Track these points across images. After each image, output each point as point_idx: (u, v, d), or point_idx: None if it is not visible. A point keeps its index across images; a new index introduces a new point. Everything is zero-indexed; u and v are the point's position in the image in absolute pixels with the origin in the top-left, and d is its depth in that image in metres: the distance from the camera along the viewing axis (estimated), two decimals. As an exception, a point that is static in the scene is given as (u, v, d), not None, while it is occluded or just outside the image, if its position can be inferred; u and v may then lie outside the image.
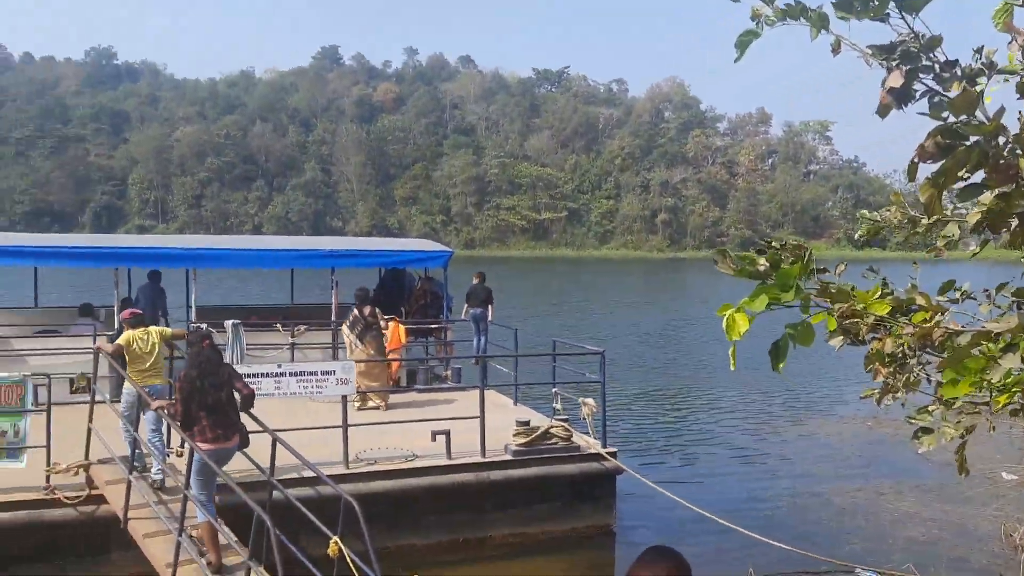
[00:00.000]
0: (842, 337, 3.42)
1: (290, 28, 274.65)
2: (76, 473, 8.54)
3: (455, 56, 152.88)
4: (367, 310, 12.13)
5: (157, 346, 8.62)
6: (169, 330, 9.18)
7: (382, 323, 12.35)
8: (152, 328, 8.86)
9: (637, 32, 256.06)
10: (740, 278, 2.77)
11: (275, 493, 7.65)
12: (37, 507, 8.28)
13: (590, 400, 10.57)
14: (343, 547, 6.39)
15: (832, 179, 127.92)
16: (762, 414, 17.78)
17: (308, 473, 7.67)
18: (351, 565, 6.25)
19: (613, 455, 10.22)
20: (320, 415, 10.19)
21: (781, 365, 2.81)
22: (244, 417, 7.55)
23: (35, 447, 8.37)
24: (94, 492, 8.41)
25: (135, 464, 8.37)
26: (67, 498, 8.31)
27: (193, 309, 13.33)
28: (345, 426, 9.31)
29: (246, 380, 8.65)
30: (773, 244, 2.96)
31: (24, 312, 15.35)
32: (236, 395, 7.42)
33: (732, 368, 2.84)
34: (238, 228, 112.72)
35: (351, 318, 12.17)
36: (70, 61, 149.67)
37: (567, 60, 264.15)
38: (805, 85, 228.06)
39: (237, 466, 8.00)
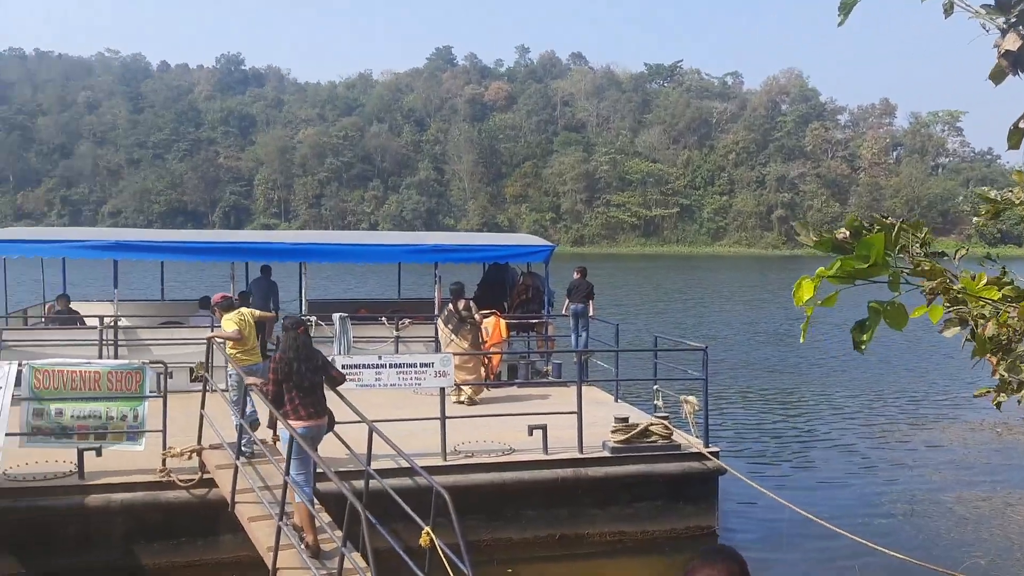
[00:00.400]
0: (958, 328, 3.17)
1: (406, 30, 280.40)
2: (189, 457, 8.91)
3: (566, 53, 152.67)
4: (461, 304, 12.22)
5: (252, 326, 8.99)
6: (257, 312, 9.52)
7: (478, 317, 12.40)
8: (243, 309, 9.21)
9: (753, 24, 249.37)
10: (821, 250, 2.62)
11: (372, 482, 7.78)
12: (154, 488, 8.68)
13: (692, 398, 10.32)
14: (434, 538, 6.42)
15: (962, 172, 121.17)
16: (879, 417, 16.98)
17: (405, 463, 7.77)
18: (442, 556, 6.27)
19: (715, 455, 9.95)
20: (422, 407, 10.33)
21: (864, 344, 2.62)
22: (340, 405, 7.74)
23: (153, 431, 8.80)
24: (206, 476, 8.76)
25: (243, 449, 8.69)
26: (181, 481, 8.68)
27: (304, 302, 13.75)
28: (443, 418, 9.38)
29: (347, 371, 8.95)
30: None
31: (151, 304, 16.21)
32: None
33: (802, 340, 2.73)
34: (355, 226, 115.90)
35: (446, 312, 12.30)
36: (202, 68, 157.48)
37: (680, 55, 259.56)
38: (933, 75, 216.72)
39: (336, 452, 8.20)
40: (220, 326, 12.16)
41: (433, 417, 9.44)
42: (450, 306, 12.33)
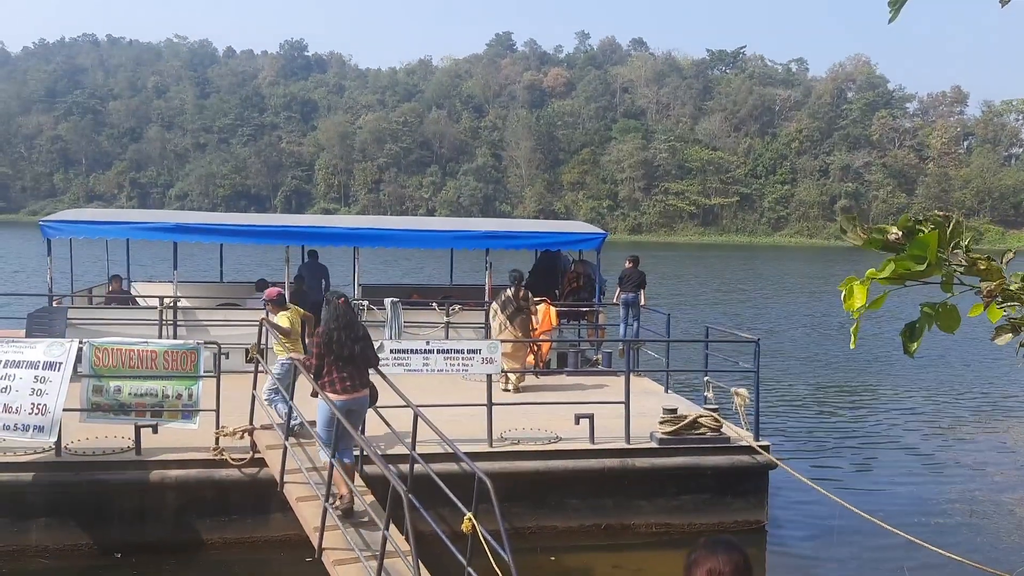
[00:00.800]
0: (1010, 335, 3.01)
1: (467, 16, 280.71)
2: (241, 437, 9.08)
3: (627, 39, 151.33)
4: (521, 293, 12.17)
5: (299, 324, 9.30)
6: (302, 311, 9.68)
7: (531, 306, 12.37)
8: (291, 307, 9.47)
9: (820, 9, 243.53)
10: (870, 249, 2.50)
11: (417, 466, 7.83)
12: (207, 466, 8.87)
13: (743, 390, 10.16)
14: (476, 524, 6.44)
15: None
16: (939, 414, 16.51)
17: (451, 448, 7.80)
18: (484, 542, 6.29)
19: (766, 449, 9.79)
20: (469, 393, 10.37)
21: (914, 348, 2.54)
22: (388, 389, 7.81)
23: (207, 410, 8.99)
24: (257, 456, 8.92)
25: (293, 427, 8.85)
26: (233, 459, 8.86)
27: (357, 286, 13.89)
28: (489, 405, 9.40)
29: (395, 356, 9.04)
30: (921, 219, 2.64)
31: (210, 286, 16.56)
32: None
33: (852, 346, 2.61)
34: (413, 212, 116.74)
35: (503, 298, 12.18)
36: (267, 54, 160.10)
37: (743, 40, 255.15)
38: (1007, 63, 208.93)
39: (382, 436, 8.29)
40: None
41: (480, 404, 9.46)
42: (508, 292, 12.21)
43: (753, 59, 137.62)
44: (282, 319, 9.33)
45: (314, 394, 8.08)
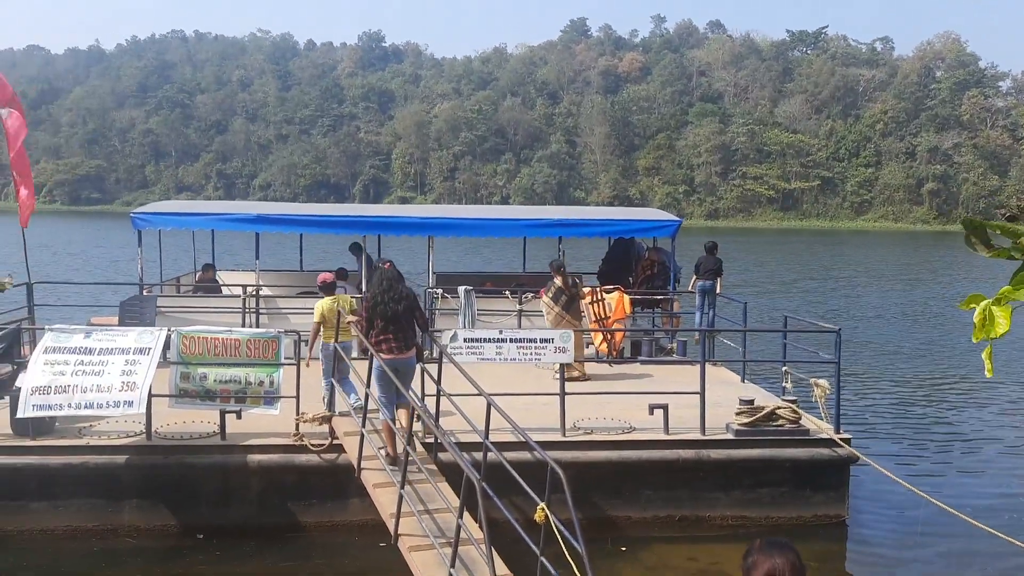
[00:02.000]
0: None
1: (542, 3, 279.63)
2: (320, 423, 9.31)
3: (704, 22, 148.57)
4: (570, 280, 12.03)
5: (334, 313, 9.55)
6: (349, 299, 9.93)
7: (587, 291, 12.31)
8: (338, 295, 9.78)
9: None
10: (1002, 258, 2.24)
11: (490, 454, 7.89)
12: (288, 451, 9.12)
13: (823, 381, 9.91)
14: (549, 514, 6.46)
15: None
16: (1034, 408, 15.82)
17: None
18: (556, 532, 6.30)
19: (847, 441, 9.55)
20: (539, 381, 10.39)
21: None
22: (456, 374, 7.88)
23: (287, 397, 9.24)
24: (335, 442, 9.12)
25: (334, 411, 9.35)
26: (313, 445, 9.08)
27: (431, 275, 14.05)
28: (562, 394, 9.40)
29: (469, 345, 9.14)
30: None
31: (290, 274, 16.96)
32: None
33: (988, 375, 2.34)
34: (487, 199, 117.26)
35: (553, 290, 11.96)
36: (346, 45, 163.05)
37: (825, 20, 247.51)
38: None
39: (456, 424, 8.37)
40: (353, 297, 12.66)
41: (553, 393, 9.48)
42: (557, 282, 11.96)
43: (835, 39, 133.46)
44: (318, 306, 9.66)
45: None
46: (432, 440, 8.71)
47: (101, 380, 8.71)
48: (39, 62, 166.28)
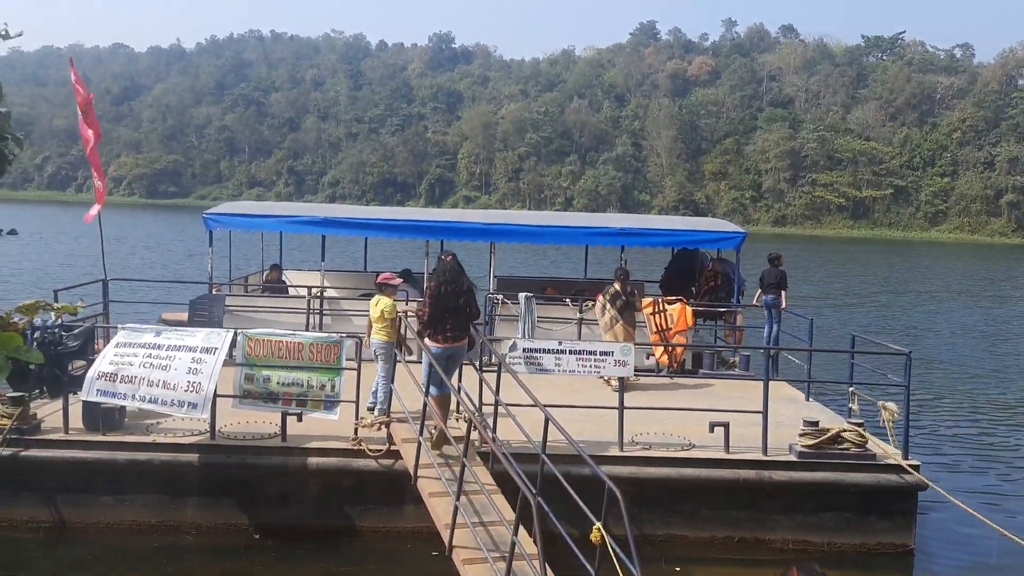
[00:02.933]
0: None
1: (611, 6, 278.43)
2: (379, 428, 9.37)
3: (776, 26, 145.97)
4: (630, 288, 12.11)
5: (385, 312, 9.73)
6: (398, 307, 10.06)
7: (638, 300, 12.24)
8: (379, 297, 9.83)
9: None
10: None
11: (546, 468, 7.84)
12: (346, 456, 9.18)
13: (891, 404, 9.62)
14: (605, 535, 6.38)
15: None
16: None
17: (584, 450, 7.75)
18: (612, 553, 6.23)
19: (916, 468, 9.24)
20: (593, 391, 10.27)
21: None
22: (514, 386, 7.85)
23: (347, 401, 9.33)
24: (393, 448, 9.16)
25: (381, 406, 9.59)
26: (370, 450, 9.13)
27: (492, 280, 14.06)
28: (621, 408, 9.30)
29: (528, 355, 9.13)
30: None
31: (355, 275, 17.16)
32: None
33: None
34: (551, 200, 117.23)
35: (611, 292, 12.07)
36: (416, 46, 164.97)
37: (902, 26, 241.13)
38: None
39: (512, 435, 8.34)
40: (415, 301, 12.75)
41: (611, 406, 9.38)
42: (616, 286, 12.14)
43: (912, 45, 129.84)
44: (375, 304, 9.78)
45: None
46: (487, 450, 8.69)
47: (167, 376, 8.91)
48: (123, 60, 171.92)
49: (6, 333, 2.34)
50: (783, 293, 14.49)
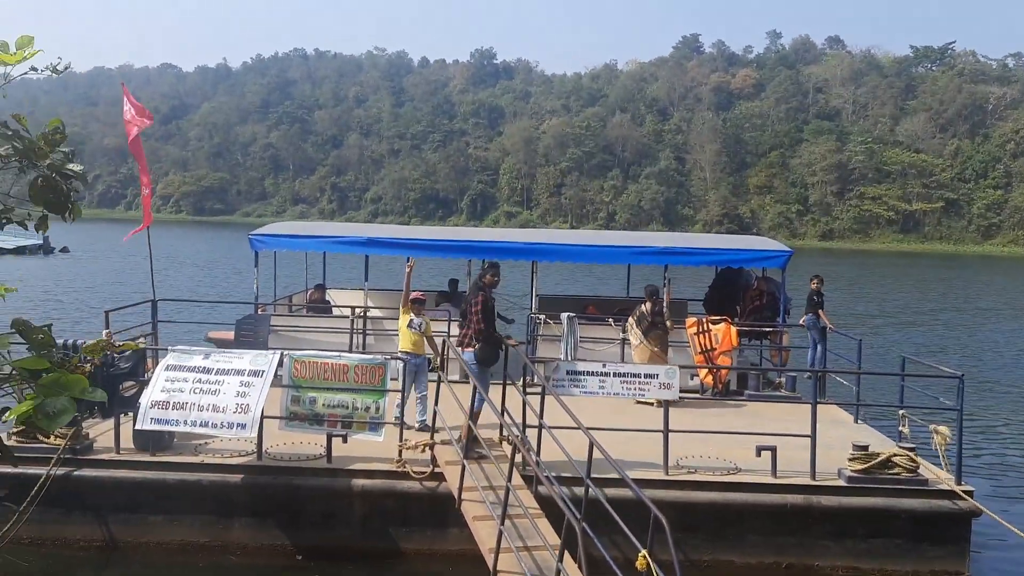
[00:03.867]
0: None
1: (654, 20, 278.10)
2: (423, 450, 9.39)
3: (822, 37, 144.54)
4: (648, 307, 12.14)
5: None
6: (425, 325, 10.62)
7: (669, 324, 12.25)
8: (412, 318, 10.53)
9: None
10: None
11: (591, 491, 7.78)
12: (391, 477, 9.21)
13: (944, 428, 9.39)
14: (651, 562, 6.32)
15: None
16: None
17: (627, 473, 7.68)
18: (657, 578, 6.15)
19: (969, 494, 9.01)
20: (636, 411, 10.17)
21: None
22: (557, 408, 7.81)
23: (391, 423, 9.38)
24: (437, 470, 9.17)
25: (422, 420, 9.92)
26: (415, 473, 9.15)
27: (534, 298, 14.06)
28: (666, 431, 9.21)
29: (571, 377, 9.15)
30: None
31: (397, 295, 17.23)
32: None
33: None
34: (593, 215, 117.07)
35: (638, 313, 12.21)
36: (458, 63, 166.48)
37: (952, 36, 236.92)
38: None
39: (556, 456, 8.30)
40: (457, 320, 12.81)
41: (656, 429, 9.30)
42: (644, 307, 12.27)
43: (963, 55, 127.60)
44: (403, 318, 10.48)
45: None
46: (531, 474, 8.66)
47: (217, 400, 9.05)
48: (171, 79, 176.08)
49: (73, 376, 2.41)
50: (821, 313, 14.33)
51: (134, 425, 9.27)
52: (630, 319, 12.34)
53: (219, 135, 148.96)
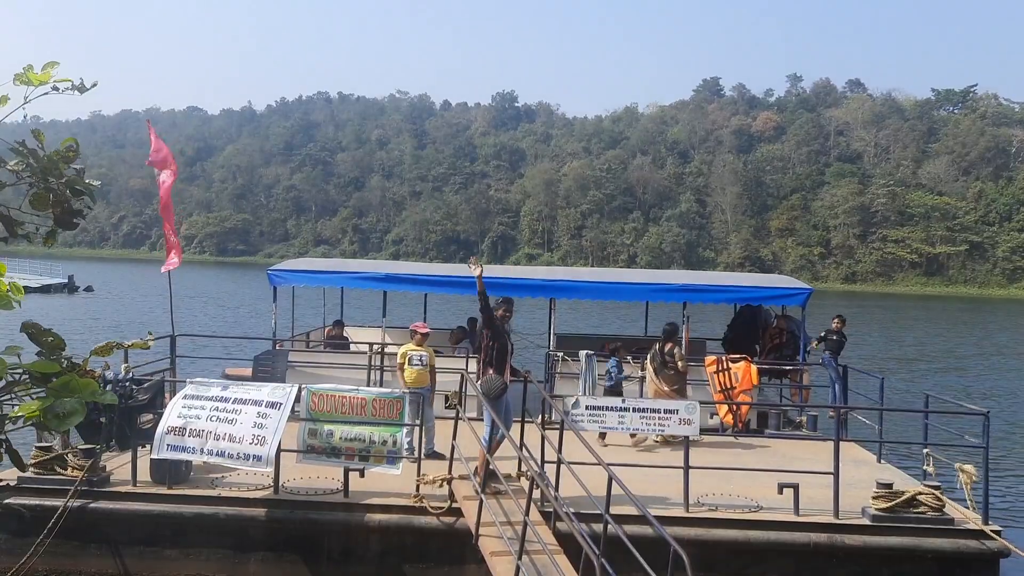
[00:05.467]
0: None
1: (674, 63, 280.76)
2: (440, 485, 9.32)
3: (842, 81, 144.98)
4: (668, 346, 12.15)
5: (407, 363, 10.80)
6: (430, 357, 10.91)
7: (681, 365, 12.15)
8: (410, 349, 10.83)
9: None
10: None
11: (611, 528, 7.68)
12: (408, 512, 9.13)
13: (969, 467, 9.23)
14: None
15: None
16: None
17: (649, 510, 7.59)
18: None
19: (997, 533, 8.81)
20: (661, 452, 10.07)
21: None
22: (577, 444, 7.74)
23: (408, 457, 9.33)
24: (455, 505, 9.09)
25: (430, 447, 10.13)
26: (432, 507, 9.07)
27: (552, 336, 14.02)
28: (686, 468, 9.10)
29: (591, 412, 9.09)
30: None
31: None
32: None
33: None
34: (614, 258, 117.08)
35: (652, 351, 12.28)
36: (479, 105, 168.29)
37: (974, 79, 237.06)
38: None
39: (575, 492, 8.21)
40: (474, 356, 12.81)
41: (676, 466, 9.19)
42: (657, 346, 12.33)
43: (985, 98, 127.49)
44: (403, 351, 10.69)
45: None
46: (551, 509, 8.56)
47: (233, 429, 9.03)
48: (197, 122, 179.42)
49: (83, 379, 2.43)
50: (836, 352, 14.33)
51: (151, 455, 9.29)
52: (648, 356, 12.32)
53: (243, 176, 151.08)
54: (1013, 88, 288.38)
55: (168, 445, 9.02)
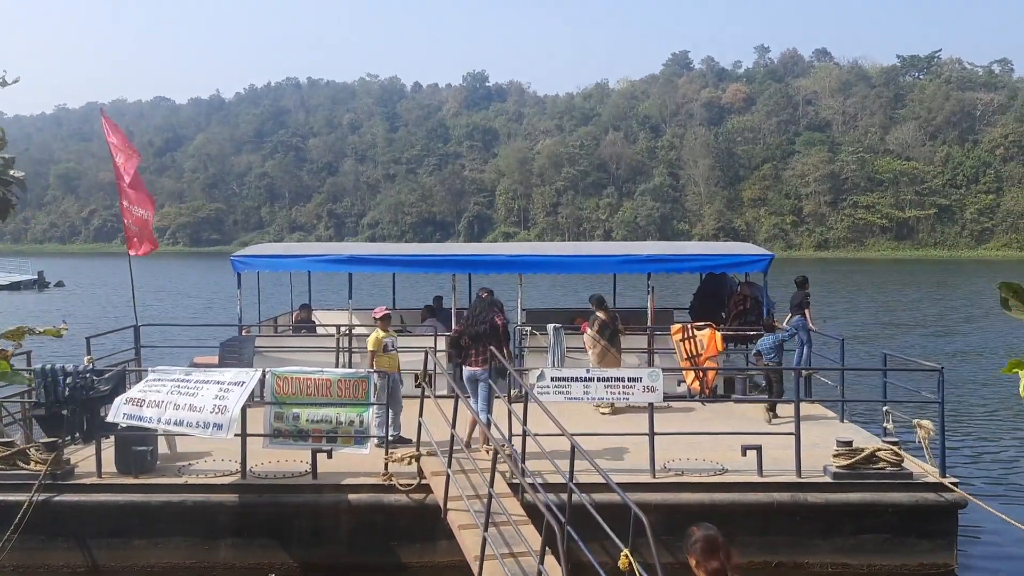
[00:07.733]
0: None
1: (643, 38, 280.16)
2: (409, 463, 9.35)
3: (809, 50, 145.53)
4: (613, 314, 12.35)
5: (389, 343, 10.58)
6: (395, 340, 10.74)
7: (621, 327, 12.44)
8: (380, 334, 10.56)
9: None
10: None
11: (575, 496, 7.76)
12: (378, 491, 9.15)
13: (927, 422, 9.39)
14: (633, 560, 6.29)
15: None
16: None
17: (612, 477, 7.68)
18: (639, 578, 6.12)
19: (954, 485, 9.00)
20: (627, 420, 10.17)
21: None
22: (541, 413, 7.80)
23: (376, 436, 9.35)
24: (423, 482, 9.14)
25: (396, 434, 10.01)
26: (401, 485, 9.11)
27: (521, 311, 14.07)
28: (652, 434, 9.20)
29: (556, 384, 9.11)
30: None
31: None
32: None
33: None
34: (590, 233, 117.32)
35: (598, 324, 12.21)
36: (450, 86, 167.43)
37: (938, 44, 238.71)
38: None
39: (542, 465, 8.28)
40: (444, 335, 12.82)
41: (642, 432, 9.29)
42: (600, 315, 12.26)
43: (950, 63, 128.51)
44: (373, 335, 10.43)
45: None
46: (517, 481, 8.64)
47: (194, 401, 8.94)
48: (165, 112, 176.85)
49: (-6, 360, 2.44)
50: (807, 313, 14.34)
51: (116, 451, 9.23)
52: (590, 330, 12.32)
53: (214, 166, 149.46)
54: (976, 52, 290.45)
55: (125, 414, 8.93)
